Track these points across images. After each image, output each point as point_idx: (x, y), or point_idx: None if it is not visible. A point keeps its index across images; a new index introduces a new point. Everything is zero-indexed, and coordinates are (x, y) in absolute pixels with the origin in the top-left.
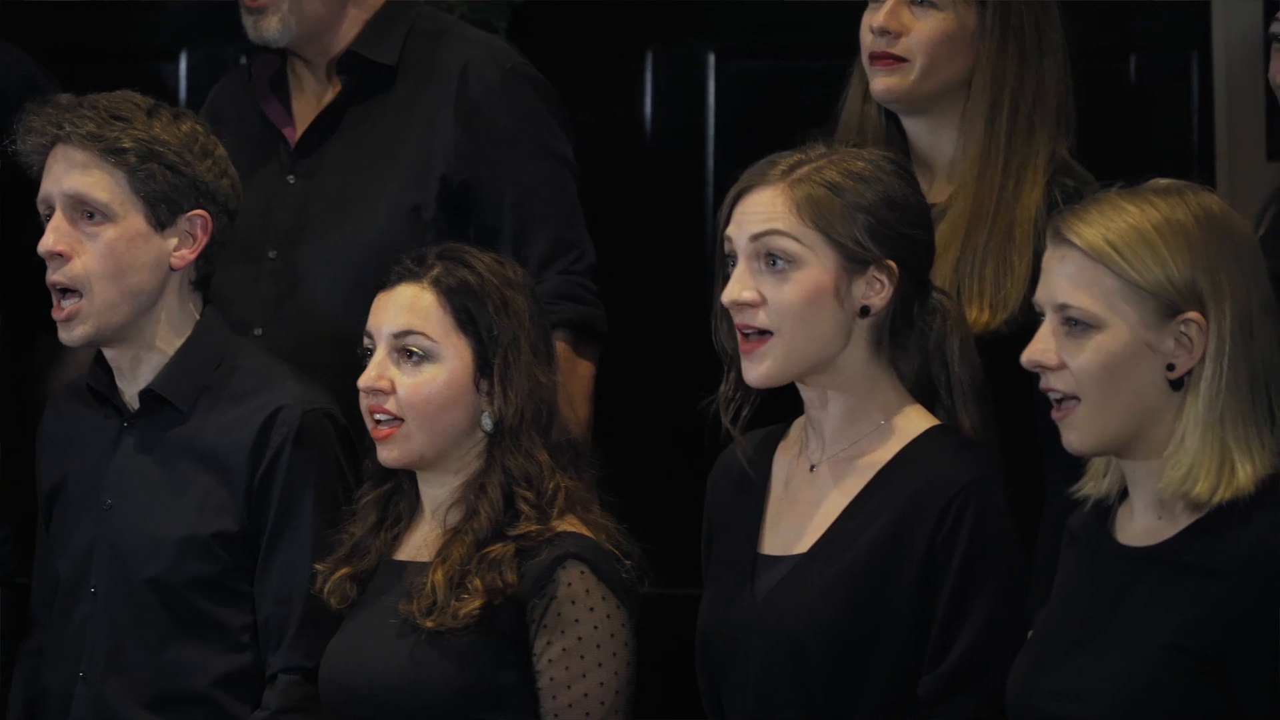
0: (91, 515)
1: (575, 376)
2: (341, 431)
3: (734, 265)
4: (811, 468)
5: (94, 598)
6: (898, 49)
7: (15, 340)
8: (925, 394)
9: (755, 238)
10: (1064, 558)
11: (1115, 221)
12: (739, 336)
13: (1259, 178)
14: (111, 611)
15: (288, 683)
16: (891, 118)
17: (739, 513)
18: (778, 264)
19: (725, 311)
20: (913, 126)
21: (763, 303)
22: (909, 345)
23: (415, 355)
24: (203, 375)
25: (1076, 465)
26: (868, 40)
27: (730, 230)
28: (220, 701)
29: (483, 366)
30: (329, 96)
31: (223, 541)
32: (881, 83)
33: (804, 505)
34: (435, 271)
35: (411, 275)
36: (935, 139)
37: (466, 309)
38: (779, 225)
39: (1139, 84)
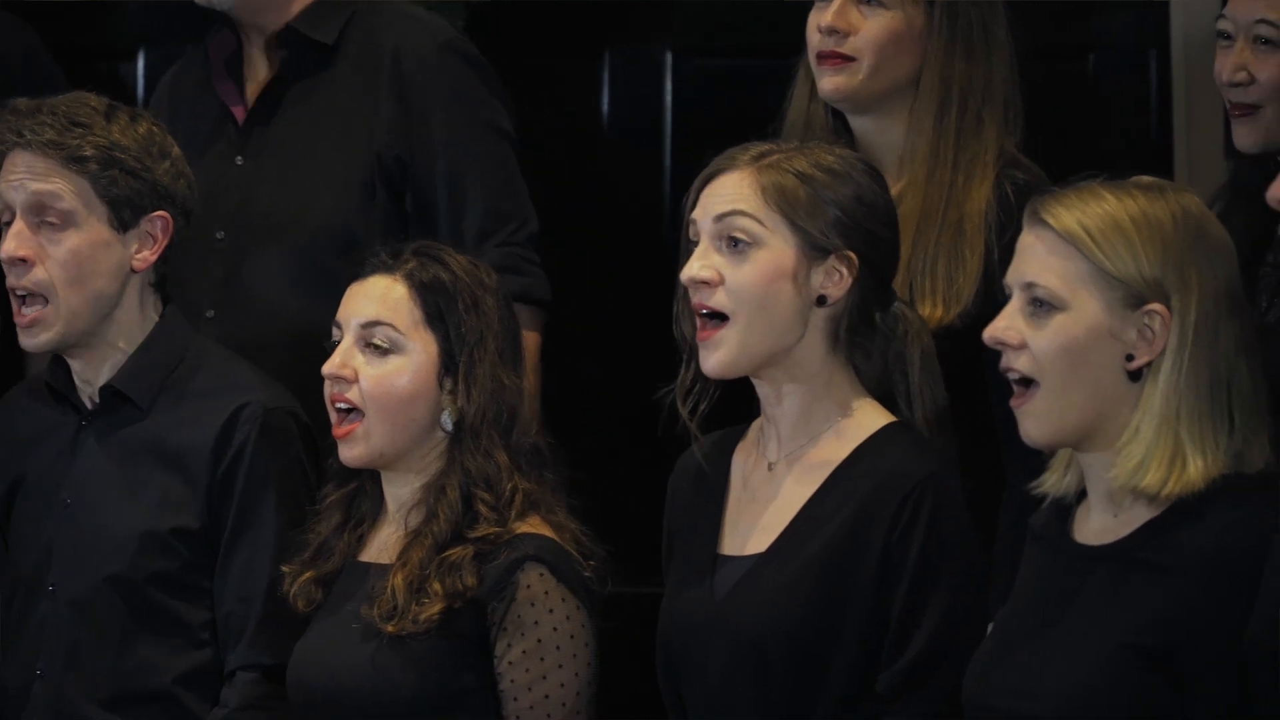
0: (51, 513)
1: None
2: (304, 430)
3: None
4: (769, 466)
5: (53, 595)
6: (845, 48)
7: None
8: (886, 399)
9: (719, 218)
10: (1026, 555)
11: (1092, 208)
12: (697, 322)
13: (1217, 176)
14: (70, 609)
15: (247, 680)
16: (838, 116)
17: (698, 513)
18: (739, 245)
19: (687, 298)
20: (860, 125)
21: (721, 282)
22: (871, 349)
23: (381, 347)
24: (164, 373)
25: (1034, 455)
26: (815, 40)
27: (696, 213)
28: (180, 698)
29: (448, 364)
30: (270, 76)
31: (183, 537)
32: (830, 82)
33: (762, 504)
34: (409, 266)
35: (385, 268)
36: (882, 137)
37: (437, 305)
38: (742, 206)
39: (1097, 82)
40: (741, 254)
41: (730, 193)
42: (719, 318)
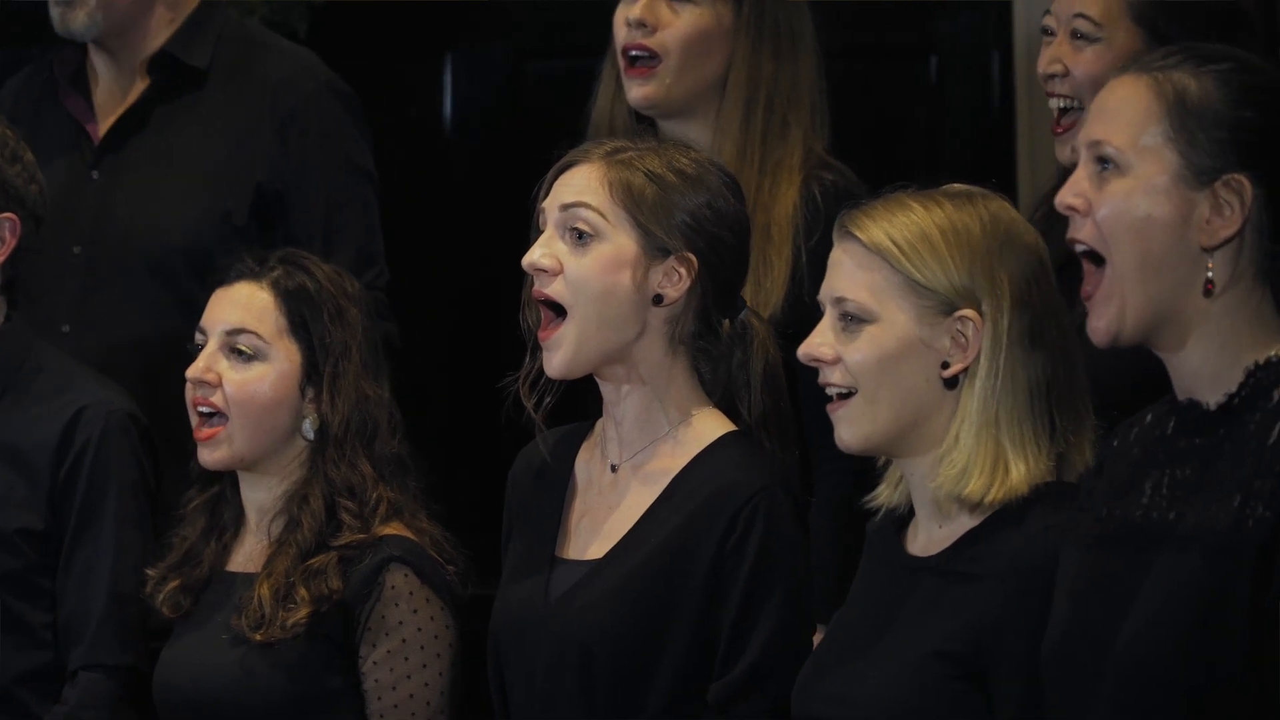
0: None
1: None
2: (144, 432)
3: None
4: (613, 468)
5: None
6: (652, 42)
7: None
8: (732, 408)
9: (564, 207)
10: (860, 565)
11: (899, 218)
12: (542, 319)
13: None
14: None
15: (88, 680)
16: (643, 119)
17: (538, 512)
18: (582, 237)
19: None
20: (667, 127)
21: (560, 271)
22: (716, 356)
23: (245, 353)
24: (6, 375)
25: (844, 459)
26: (622, 34)
27: (545, 202)
28: (20, 698)
29: (310, 373)
30: (135, 94)
31: (26, 538)
32: (638, 91)
33: (603, 510)
34: (275, 273)
35: (251, 274)
36: (689, 139)
37: (301, 313)
38: (588, 199)
39: (939, 84)
40: (583, 245)
41: (579, 184)
42: (557, 310)
